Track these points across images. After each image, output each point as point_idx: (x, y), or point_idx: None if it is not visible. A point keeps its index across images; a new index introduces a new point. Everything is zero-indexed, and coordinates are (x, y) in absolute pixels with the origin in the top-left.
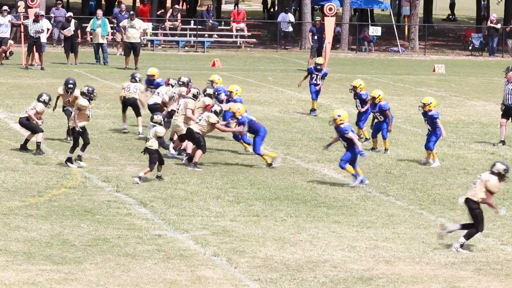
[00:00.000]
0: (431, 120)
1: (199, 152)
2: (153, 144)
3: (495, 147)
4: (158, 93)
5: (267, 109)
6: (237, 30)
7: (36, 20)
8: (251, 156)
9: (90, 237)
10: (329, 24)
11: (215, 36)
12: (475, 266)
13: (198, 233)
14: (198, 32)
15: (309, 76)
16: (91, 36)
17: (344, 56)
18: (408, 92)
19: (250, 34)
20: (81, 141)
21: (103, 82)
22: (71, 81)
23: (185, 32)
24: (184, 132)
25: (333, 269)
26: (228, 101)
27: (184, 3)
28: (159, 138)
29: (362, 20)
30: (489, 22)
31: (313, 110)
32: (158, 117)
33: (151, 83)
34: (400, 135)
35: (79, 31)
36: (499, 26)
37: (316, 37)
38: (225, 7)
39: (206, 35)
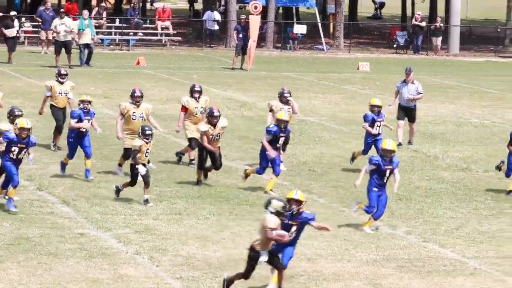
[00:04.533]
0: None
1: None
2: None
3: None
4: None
5: None
6: (162, 29)
7: None
8: (174, 155)
9: (12, 236)
10: (254, 22)
11: (140, 34)
12: (397, 263)
13: (121, 231)
14: (124, 31)
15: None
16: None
17: (269, 54)
18: (333, 90)
19: (175, 32)
20: None
21: (27, 81)
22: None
23: (110, 30)
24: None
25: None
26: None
27: (107, 1)
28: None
29: (287, 18)
30: (413, 20)
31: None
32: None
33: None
34: (324, 133)
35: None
36: (423, 24)
37: (241, 35)
38: (154, 5)
39: (131, 34)
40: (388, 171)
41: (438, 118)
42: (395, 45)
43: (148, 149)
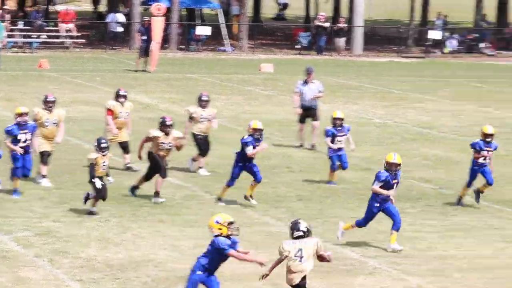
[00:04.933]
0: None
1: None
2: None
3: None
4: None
5: (94, 109)
6: (66, 31)
7: None
8: (76, 157)
9: None
10: (157, 24)
11: (44, 36)
12: None
13: (21, 234)
14: (27, 33)
15: None
16: None
17: (172, 55)
18: (236, 91)
19: (79, 34)
20: None
21: None
22: None
23: (13, 33)
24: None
25: (155, 269)
26: None
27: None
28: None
29: (191, 20)
30: (317, 21)
31: None
32: None
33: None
34: (226, 134)
35: None
36: (327, 24)
37: (145, 37)
38: (55, 7)
39: (35, 36)
40: (395, 185)
41: None
42: (298, 46)
43: (104, 161)
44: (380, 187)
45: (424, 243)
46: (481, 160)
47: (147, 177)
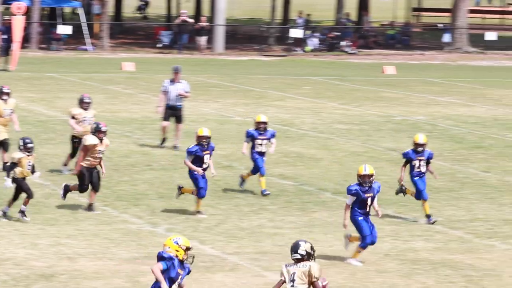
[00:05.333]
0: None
1: None
2: None
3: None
4: None
5: None
6: None
7: None
8: None
9: None
10: (17, 23)
11: None
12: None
13: None
14: None
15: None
16: None
17: (33, 55)
18: (97, 90)
19: None
20: None
21: None
22: None
23: None
24: None
25: (15, 267)
26: None
27: None
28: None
29: (52, 18)
30: (178, 19)
31: None
32: None
33: None
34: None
35: None
36: (189, 23)
37: (5, 36)
38: None
39: None
40: (369, 199)
41: (201, 117)
42: (160, 45)
43: (29, 161)
44: (355, 201)
45: (284, 240)
46: (416, 169)
47: (82, 190)
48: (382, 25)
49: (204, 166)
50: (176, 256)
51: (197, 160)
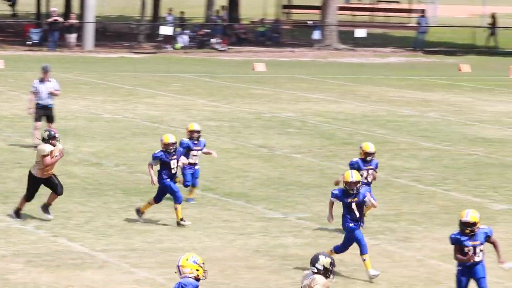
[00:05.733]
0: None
1: None
2: None
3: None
4: None
5: None
6: None
7: None
8: None
9: None
10: None
11: None
12: (26, 258)
13: None
14: None
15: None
16: None
17: None
18: None
19: None
20: None
21: None
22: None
23: None
24: None
25: None
26: None
27: None
28: None
29: None
30: (52, 14)
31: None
32: None
33: None
34: None
35: None
36: (59, 20)
37: None
38: None
39: None
40: (353, 204)
41: (70, 114)
42: (29, 42)
43: None
44: (343, 206)
45: (153, 236)
46: (363, 180)
47: (29, 198)
48: (252, 22)
49: (173, 171)
50: (197, 276)
51: (165, 166)
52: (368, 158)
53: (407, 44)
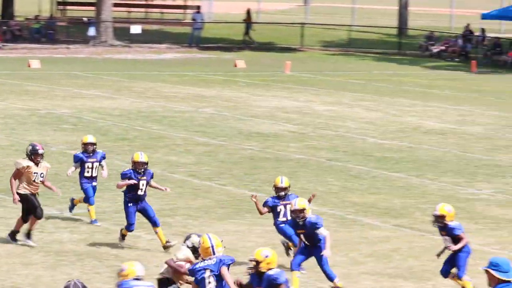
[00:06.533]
0: None
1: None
2: None
3: None
4: None
5: None
6: None
7: None
8: None
9: None
10: None
11: None
12: None
13: None
14: None
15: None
16: None
17: None
18: None
19: None
20: None
21: None
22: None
23: None
24: None
25: None
26: None
27: None
28: None
29: None
30: None
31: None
32: None
33: None
34: None
35: None
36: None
37: None
38: None
39: None
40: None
41: None
42: None
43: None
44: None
45: None
46: (281, 218)
47: (24, 219)
48: (27, 19)
49: (140, 192)
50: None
51: (132, 187)
52: (281, 194)
53: (182, 40)
